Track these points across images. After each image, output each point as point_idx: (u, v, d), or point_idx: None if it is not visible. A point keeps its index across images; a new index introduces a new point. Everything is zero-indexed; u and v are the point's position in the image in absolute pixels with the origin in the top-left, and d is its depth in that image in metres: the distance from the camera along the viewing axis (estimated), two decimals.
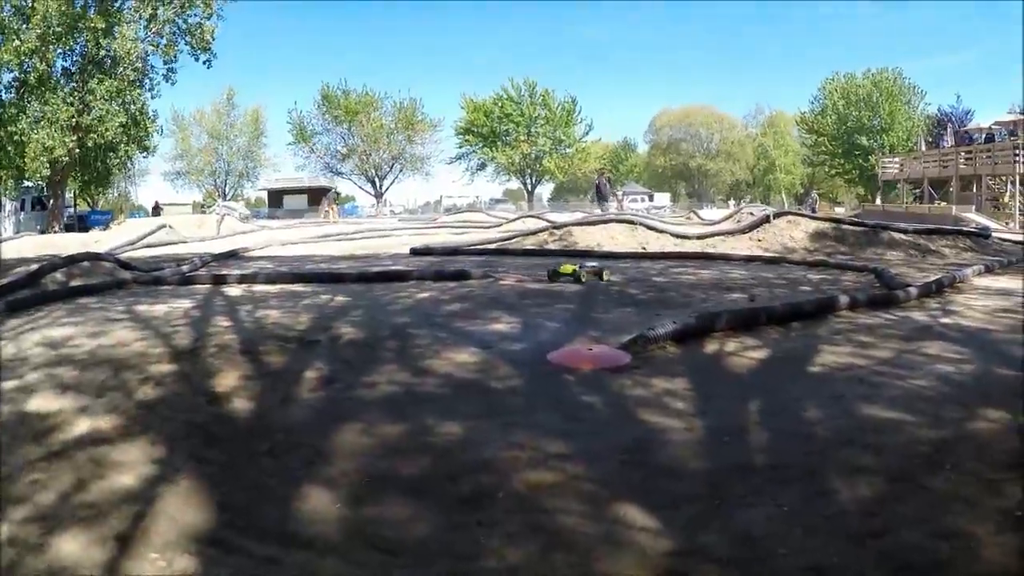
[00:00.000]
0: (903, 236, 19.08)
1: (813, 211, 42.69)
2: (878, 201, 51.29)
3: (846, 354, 6.79)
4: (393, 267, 14.36)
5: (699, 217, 39.84)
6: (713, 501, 3.89)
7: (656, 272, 13.71)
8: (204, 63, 40.65)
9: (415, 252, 18.53)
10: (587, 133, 77.74)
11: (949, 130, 51.62)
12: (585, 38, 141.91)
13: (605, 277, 12.26)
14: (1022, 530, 3.52)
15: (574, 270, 12.22)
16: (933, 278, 11.60)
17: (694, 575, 3.23)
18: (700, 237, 20.13)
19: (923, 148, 50.31)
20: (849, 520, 3.62)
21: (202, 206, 62.60)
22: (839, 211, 48.90)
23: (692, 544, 3.50)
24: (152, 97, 41.21)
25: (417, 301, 10.14)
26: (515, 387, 6.17)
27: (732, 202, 65.28)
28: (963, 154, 42.56)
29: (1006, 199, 40.51)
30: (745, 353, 6.94)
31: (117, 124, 37.28)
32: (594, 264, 13.17)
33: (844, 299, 9.15)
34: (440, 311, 9.24)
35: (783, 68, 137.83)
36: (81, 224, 40.20)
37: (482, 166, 79.25)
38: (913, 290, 10.36)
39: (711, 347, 7.18)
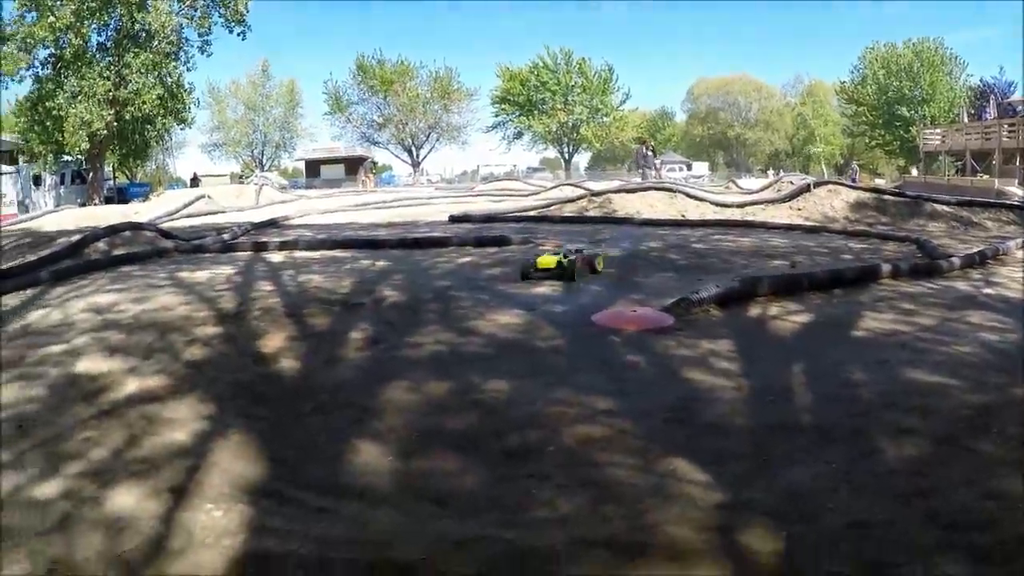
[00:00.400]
0: (945, 208, 18.80)
1: (854, 182, 42.21)
2: (914, 172, 50.55)
3: (889, 320, 6.76)
4: (432, 234, 14.36)
5: (738, 186, 39.35)
6: (759, 458, 3.93)
7: (696, 239, 13.60)
8: (238, 35, 40.68)
9: (454, 219, 18.50)
10: (624, 102, 76.91)
11: (992, 102, 50.49)
12: (622, 5, 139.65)
13: (599, 267, 9.65)
14: None
15: (558, 261, 8.97)
16: (976, 249, 11.43)
17: (743, 528, 3.27)
18: (740, 206, 19.97)
19: (965, 120, 49.25)
20: (895, 480, 3.63)
21: (240, 177, 62.88)
22: (879, 182, 48.09)
23: (739, 498, 3.53)
24: (188, 70, 41.30)
25: (458, 266, 10.16)
26: (559, 347, 6.20)
27: (771, 172, 64.41)
28: (1006, 126, 41.67)
29: None
30: (788, 317, 6.94)
31: (154, 97, 37.51)
32: (582, 247, 10.10)
33: (886, 267, 9.09)
34: (481, 275, 9.26)
35: (823, 37, 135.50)
36: (120, 196, 40.30)
37: (518, 135, 78.65)
38: (956, 260, 10.25)
39: (754, 311, 7.18)
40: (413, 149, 77.08)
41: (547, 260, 8.97)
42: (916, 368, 5.23)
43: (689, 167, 76.65)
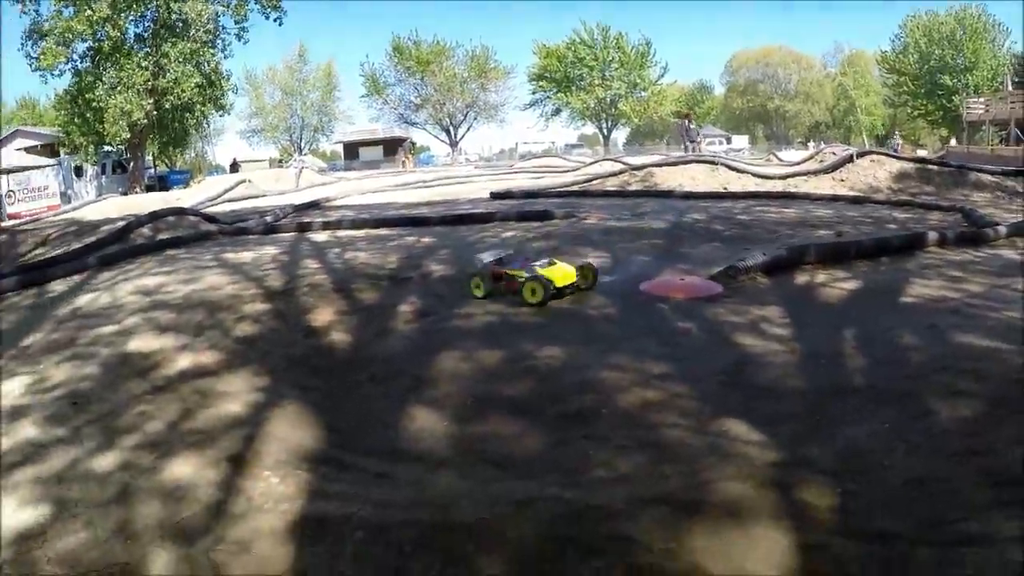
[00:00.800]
0: (990, 178, 18.57)
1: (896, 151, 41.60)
2: (953, 143, 49.72)
3: (937, 287, 6.72)
4: (475, 210, 14.40)
5: (779, 159, 38.93)
6: (814, 418, 3.96)
7: (739, 211, 13.53)
8: (275, 20, 40.68)
9: (495, 196, 18.53)
10: (662, 76, 76.04)
11: None
12: None
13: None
14: None
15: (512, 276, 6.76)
16: (1022, 218, 11.32)
17: (800, 484, 3.31)
18: (782, 177, 19.79)
19: (1009, 88, 48.39)
20: (950, 439, 3.66)
21: (279, 161, 63.11)
22: (921, 153, 47.37)
23: (796, 456, 3.58)
24: (225, 57, 41.36)
25: (503, 240, 10.19)
26: (610, 315, 6.26)
27: (811, 144, 63.50)
28: None
29: None
30: (836, 284, 6.93)
31: (192, 85, 37.63)
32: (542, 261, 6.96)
33: (933, 235, 9.02)
34: (527, 248, 9.25)
35: (863, 5, 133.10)
36: (162, 184, 40.56)
37: (556, 112, 78.11)
38: (1002, 229, 10.15)
39: (801, 279, 7.18)
40: (451, 129, 76.85)
41: (478, 284, 6.93)
42: (966, 333, 5.20)
43: (729, 140, 75.97)
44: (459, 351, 5.44)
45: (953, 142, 50.43)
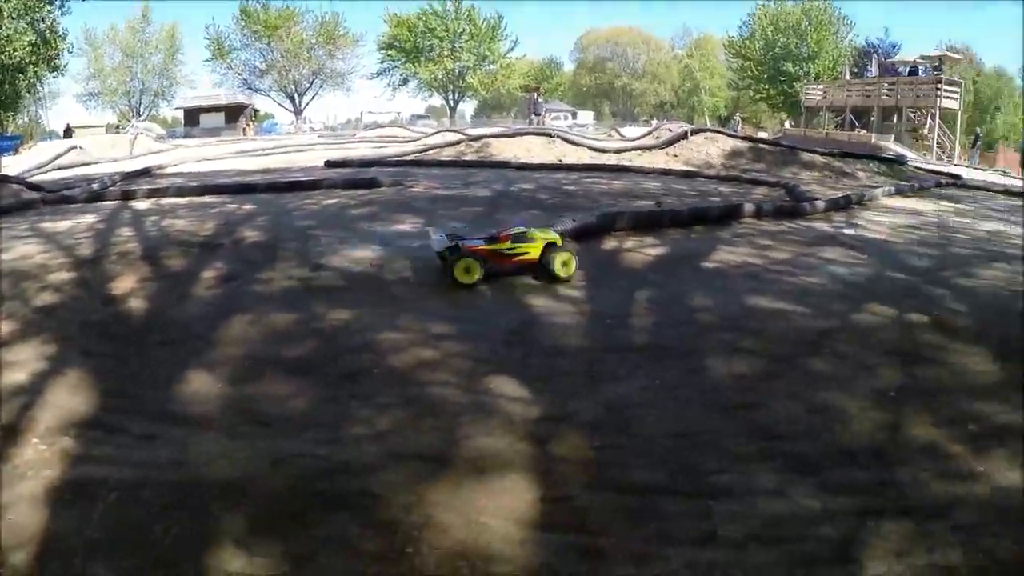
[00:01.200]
0: (819, 158, 19.28)
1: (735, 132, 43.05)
2: (787, 125, 52.16)
3: (743, 254, 6.85)
4: (303, 178, 14.03)
5: (620, 135, 39.64)
6: (587, 375, 3.90)
7: (569, 182, 13.60)
8: None
9: (330, 164, 18.11)
10: (512, 50, 76.48)
11: (874, 61, 52.39)
12: None
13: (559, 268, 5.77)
14: (893, 407, 3.60)
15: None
16: (838, 195, 11.75)
17: (556, 437, 3.26)
18: (617, 151, 20.04)
19: (847, 77, 51.01)
20: (722, 394, 3.68)
21: (116, 127, 60.35)
22: (762, 135, 49.30)
23: (560, 411, 3.51)
24: (62, 14, 38.84)
25: (324, 207, 9.98)
26: (408, 278, 6.13)
27: (655, 121, 65.21)
28: (886, 85, 43.21)
29: (925, 131, 41.29)
30: (643, 250, 6.97)
31: (25, 43, 35.10)
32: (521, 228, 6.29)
33: (749, 207, 9.21)
34: (346, 215, 9.10)
35: None
36: None
37: (404, 82, 77.31)
38: (820, 203, 10.49)
39: (609, 245, 7.19)
40: (296, 96, 75.15)
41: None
42: (761, 295, 5.32)
43: (574, 115, 77.04)
44: (252, 314, 5.30)
45: (788, 124, 52.75)
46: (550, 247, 5.82)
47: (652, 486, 2.88)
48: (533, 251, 5.83)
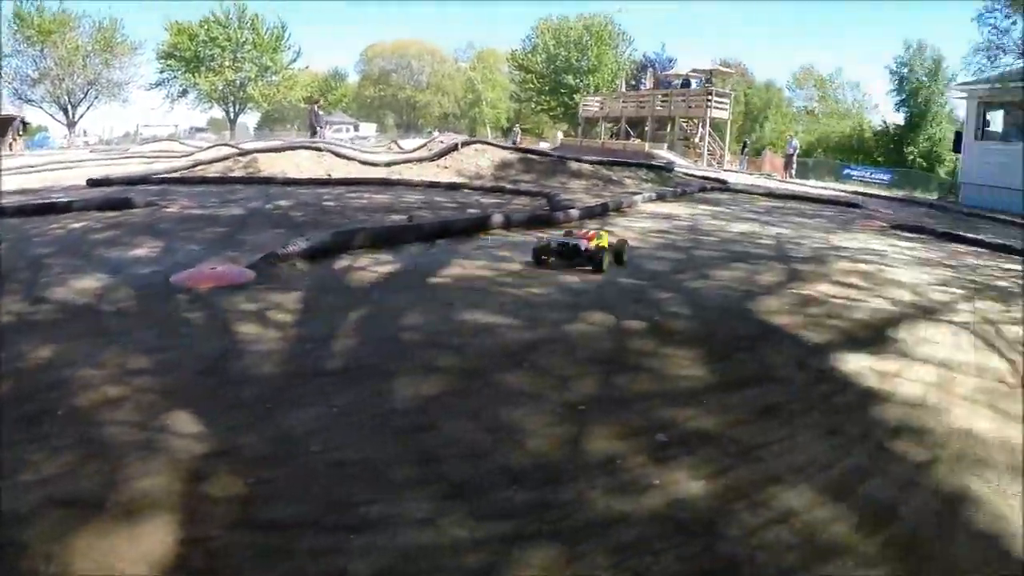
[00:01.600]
0: (587, 167, 19.79)
1: (515, 144, 43.95)
2: (559, 136, 53.91)
3: (477, 267, 6.86)
4: (60, 199, 13.24)
5: (399, 146, 39.68)
6: (266, 405, 3.72)
7: (331, 197, 13.43)
8: None
9: (92, 183, 17.21)
10: (295, 60, 75.28)
11: (649, 74, 54.79)
12: None
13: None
14: (578, 422, 3.59)
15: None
16: (599, 202, 12.02)
17: (214, 475, 3.06)
18: (388, 164, 19.97)
19: (623, 89, 53.12)
20: (399, 417, 3.57)
21: None
22: (544, 145, 50.49)
23: (227, 446, 3.32)
24: None
25: (69, 232, 9.40)
26: (126, 309, 5.81)
27: (436, 132, 65.54)
28: (659, 97, 45.11)
29: (697, 139, 43.35)
30: (374, 268, 6.85)
31: None
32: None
33: (498, 217, 9.26)
34: (88, 240, 8.65)
35: (502, 6, 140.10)
36: None
37: (183, 93, 74.82)
38: (575, 211, 10.68)
39: (343, 263, 7.03)
40: (70, 108, 71.16)
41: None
42: (477, 310, 5.29)
43: (356, 128, 76.60)
44: None
45: (560, 136, 54.37)
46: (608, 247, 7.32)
47: (297, 521, 2.73)
48: (604, 244, 7.32)
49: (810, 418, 3.95)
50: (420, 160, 20.45)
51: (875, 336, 5.69)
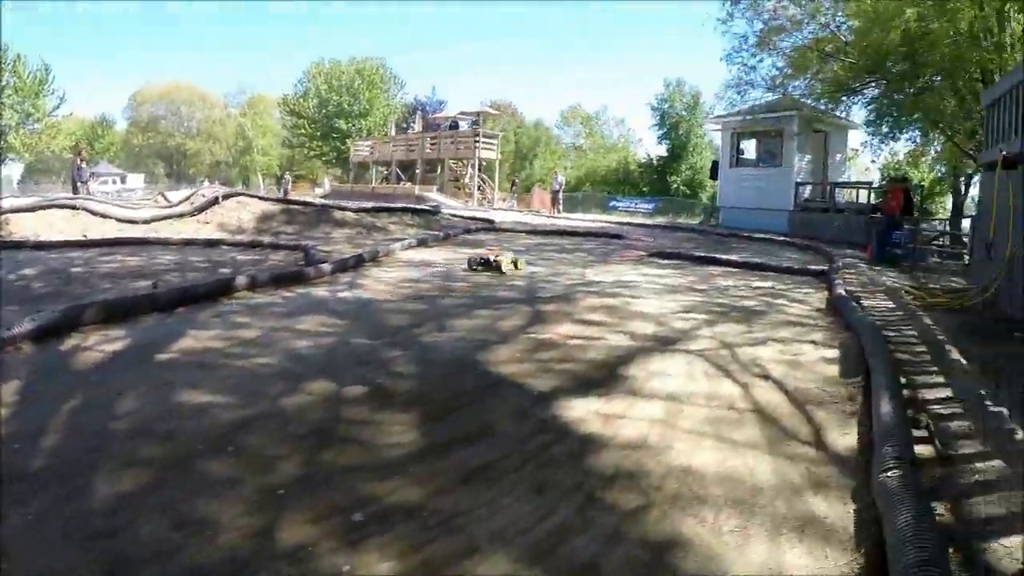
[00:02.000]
0: (351, 215, 19.70)
1: (286, 192, 43.43)
2: (327, 183, 53.88)
3: (209, 338, 6.61)
4: None
5: (167, 199, 38.34)
6: None
7: (81, 262, 12.70)
8: None
9: None
10: (59, 106, 71.23)
11: (418, 117, 55.48)
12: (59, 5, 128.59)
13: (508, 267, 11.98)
14: (276, 507, 3.49)
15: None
16: (353, 253, 11.94)
17: None
18: (147, 221, 19.17)
19: (394, 133, 53.49)
20: (91, 520, 3.36)
21: None
22: (318, 191, 50.04)
23: None
24: None
25: None
26: None
27: (207, 182, 63.56)
28: (428, 139, 45.68)
29: (466, 180, 44.07)
30: (103, 346, 6.44)
31: None
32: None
33: (242, 279, 9.04)
34: None
35: (272, 52, 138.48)
36: None
37: None
38: (326, 266, 10.57)
39: (72, 342, 6.60)
40: None
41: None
42: (197, 388, 5.08)
43: (123, 179, 73.35)
44: None
45: (328, 182, 54.29)
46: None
47: None
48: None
49: (521, 475, 3.98)
50: (181, 215, 19.77)
51: (606, 376, 5.84)
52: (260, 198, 21.67)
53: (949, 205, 37.50)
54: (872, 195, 26.67)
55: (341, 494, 3.67)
